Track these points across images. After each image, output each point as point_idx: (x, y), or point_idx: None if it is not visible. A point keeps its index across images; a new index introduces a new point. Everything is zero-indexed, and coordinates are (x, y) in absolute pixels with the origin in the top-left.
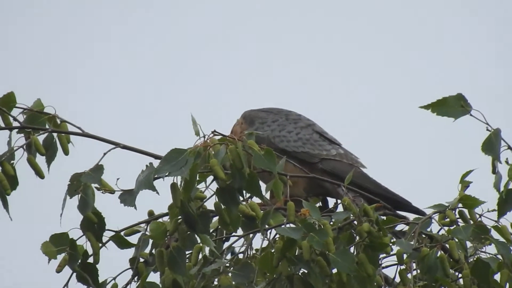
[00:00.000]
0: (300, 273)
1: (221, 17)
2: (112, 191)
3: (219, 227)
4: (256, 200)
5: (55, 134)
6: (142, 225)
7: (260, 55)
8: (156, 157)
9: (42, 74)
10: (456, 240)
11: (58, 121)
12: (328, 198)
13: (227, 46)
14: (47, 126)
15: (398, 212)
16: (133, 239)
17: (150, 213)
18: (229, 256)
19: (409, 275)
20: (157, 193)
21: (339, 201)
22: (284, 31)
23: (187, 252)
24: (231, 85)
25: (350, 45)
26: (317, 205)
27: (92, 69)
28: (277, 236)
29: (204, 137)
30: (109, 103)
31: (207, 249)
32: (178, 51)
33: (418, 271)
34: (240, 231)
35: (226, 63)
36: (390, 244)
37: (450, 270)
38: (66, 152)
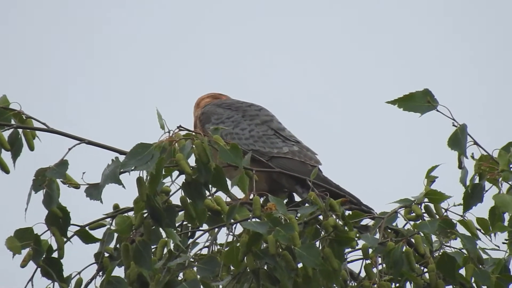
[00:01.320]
0: (265, 267)
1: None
2: (77, 186)
3: (185, 221)
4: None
5: (20, 130)
6: (108, 219)
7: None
8: (121, 152)
9: (7, 71)
10: (422, 234)
11: (24, 117)
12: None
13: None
14: (12, 122)
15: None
16: (98, 233)
17: (116, 207)
18: (194, 251)
19: (375, 270)
20: (123, 187)
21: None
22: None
23: (152, 246)
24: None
25: (317, 41)
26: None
27: (57, 66)
28: (243, 230)
29: (169, 132)
30: (76, 99)
31: (172, 244)
32: (146, 45)
33: (384, 265)
34: (205, 226)
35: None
36: (356, 239)
37: (416, 264)
38: (31, 147)
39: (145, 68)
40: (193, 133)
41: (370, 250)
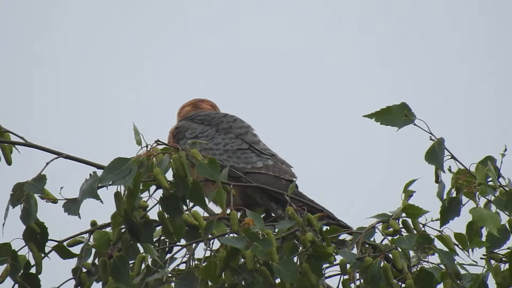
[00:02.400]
0: (243, 283)
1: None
2: (55, 201)
3: (162, 236)
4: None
5: None
6: (85, 235)
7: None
8: (99, 167)
9: None
10: (400, 249)
11: (1, 131)
12: None
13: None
14: None
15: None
16: (76, 249)
17: (93, 223)
18: (172, 266)
19: (353, 285)
20: (101, 201)
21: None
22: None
23: (130, 262)
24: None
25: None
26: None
27: (34, 79)
28: (221, 245)
29: (147, 146)
30: (53, 114)
31: (150, 259)
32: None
33: (362, 281)
34: (183, 241)
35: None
36: (334, 254)
37: (394, 280)
38: (9, 162)
39: (123, 81)
40: (171, 147)
41: (348, 266)
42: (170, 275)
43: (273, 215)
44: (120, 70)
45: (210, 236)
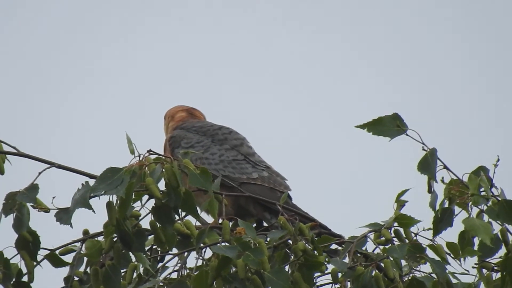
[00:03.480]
0: None
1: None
2: (47, 210)
3: (154, 245)
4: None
5: None
6: (77, 243)
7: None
8: (91, 176)
9: None
10: (391, 259)
11: None
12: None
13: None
14: None
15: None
16: (68, 258)
17: (85, 232)
18: (164, 275)
19: None
20: (93, 211)
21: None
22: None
23: (122, 271)
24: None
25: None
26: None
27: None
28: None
29: (139, 156)
30: (46, 124)
31: (141, 268)
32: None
33: None
34: (175, 250)
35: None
36: (325, 263)
37: None
38: (1, 171)
39: (116, 91)
40: (163, 157)
41: (340, 275)
42: (161, 283)
43: (265, 224)
44: (114, 77)
45: (202, 245)
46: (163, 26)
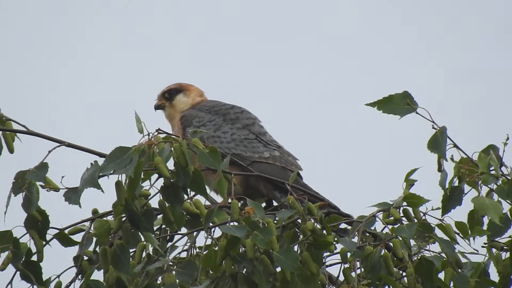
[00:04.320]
0: (244, 272)
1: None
2: (56, 189)
3: (163, 225)
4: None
5: (0, 132)
6: (86, 223)
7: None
8: (101, 155)
9: None
10: (400, 238)
11: (3, 119)
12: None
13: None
14: None
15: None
16: (77, 237)
17: (94, 212)
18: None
19: (353, 274)
20: (102, 191)
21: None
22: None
23: (131, 250)
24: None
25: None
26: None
27: (36, 67)
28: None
29: (148, 135)
30: (57, 102)
31: (150, 247)
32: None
33: (362, 269)
34: (184, 230)
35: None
36: (334, 243)
37: (394, 268)
38: (11, 150)
39: (126, 70)
40: (172, 136)
41: (349, 254)
42: (171, 263)
43: (275, 203)
44: (123, 57)
45: (211, 224)
46: None
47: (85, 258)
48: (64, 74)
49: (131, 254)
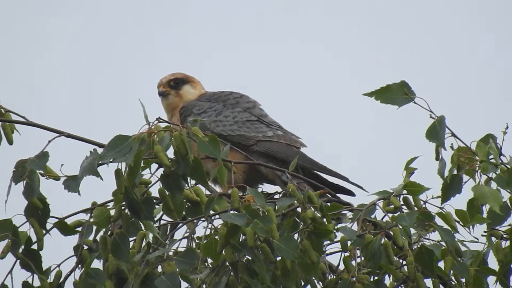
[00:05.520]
0: (244, 260)
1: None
2: (57, 178)
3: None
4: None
5: None
6: (86, 215)
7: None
8: (100, 145)
9: None
10: (400, 227)
11: (2, 111)
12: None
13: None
14: None
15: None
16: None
17: (94, 205)
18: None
19: (353, 262)
20: (101, 179)
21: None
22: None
23: (130, 239)
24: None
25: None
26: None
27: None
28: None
29: (148, 124)
30: (55, 92)
31: (151, 236)
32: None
33: (362, 258)
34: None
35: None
36: (334, 231)
37: (394, 257)
38: (10, 141)
39: (126, 59)
40: (172, 125)
41: (349, 243)
42: (171, 252)
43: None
44: (121, 47)
45: (211, 212)
46: None
47: (85, 247)
48: (63, 64)
49: (131, 243)
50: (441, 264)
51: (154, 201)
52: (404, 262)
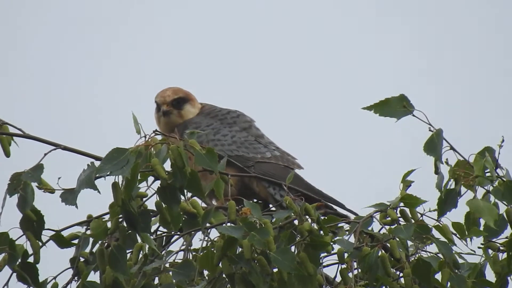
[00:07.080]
0: (241, 272)
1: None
2: (52, 191)
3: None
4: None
5: None
6: (82, 228)
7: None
8: (97, 158)
9: None
10: (398, 239)
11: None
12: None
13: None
14: None
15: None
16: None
17: (89, 217)
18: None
19: (350, 274)
20: (98, 192)
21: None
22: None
23: (128, 251)
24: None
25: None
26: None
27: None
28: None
29: (145, 136)
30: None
31: (147, 248)
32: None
33: (359, 270)
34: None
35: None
36: (331, 243)
37: (391, 269)
38: (7, 154)
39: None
40: (169, 138)
41: (346, 255)
42: (167, 265)
43: (270, 205)
44: (118, 60)
45: (208, 225)
46: None
47: (82, 259)
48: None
49: (129, 255)
50: (438, 276)
51: (151, 213)
52: (401, 274)
